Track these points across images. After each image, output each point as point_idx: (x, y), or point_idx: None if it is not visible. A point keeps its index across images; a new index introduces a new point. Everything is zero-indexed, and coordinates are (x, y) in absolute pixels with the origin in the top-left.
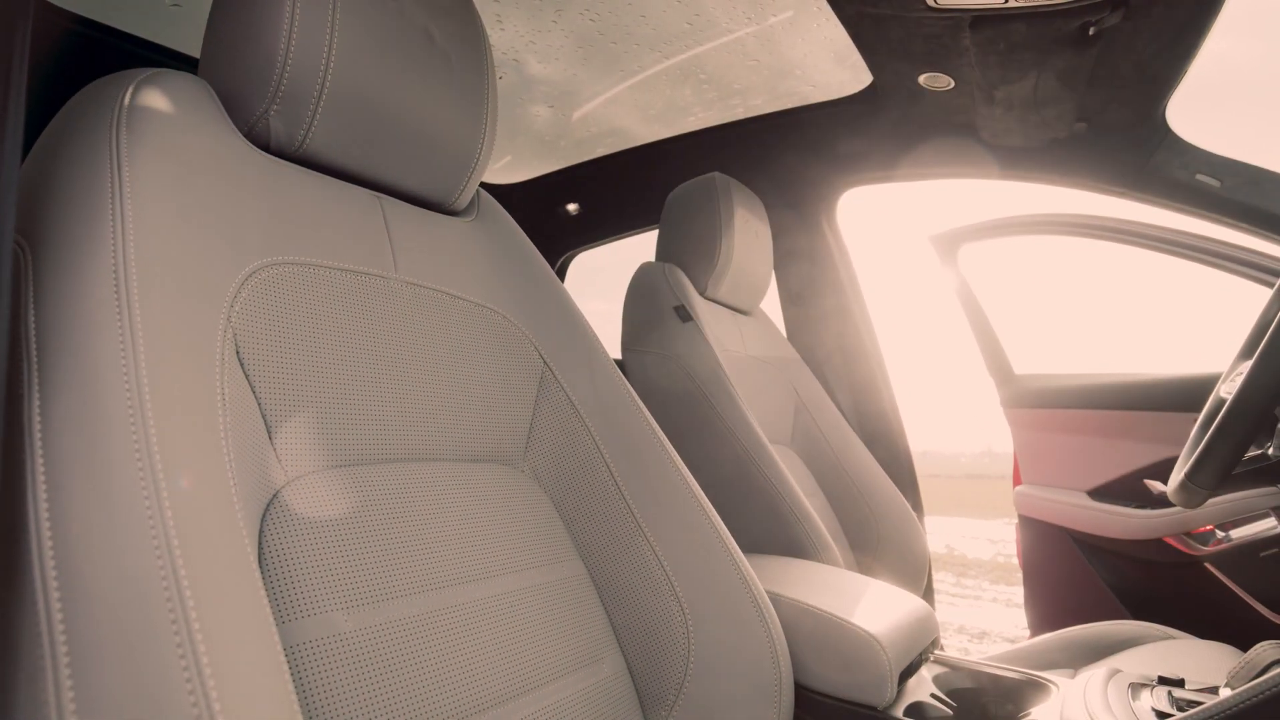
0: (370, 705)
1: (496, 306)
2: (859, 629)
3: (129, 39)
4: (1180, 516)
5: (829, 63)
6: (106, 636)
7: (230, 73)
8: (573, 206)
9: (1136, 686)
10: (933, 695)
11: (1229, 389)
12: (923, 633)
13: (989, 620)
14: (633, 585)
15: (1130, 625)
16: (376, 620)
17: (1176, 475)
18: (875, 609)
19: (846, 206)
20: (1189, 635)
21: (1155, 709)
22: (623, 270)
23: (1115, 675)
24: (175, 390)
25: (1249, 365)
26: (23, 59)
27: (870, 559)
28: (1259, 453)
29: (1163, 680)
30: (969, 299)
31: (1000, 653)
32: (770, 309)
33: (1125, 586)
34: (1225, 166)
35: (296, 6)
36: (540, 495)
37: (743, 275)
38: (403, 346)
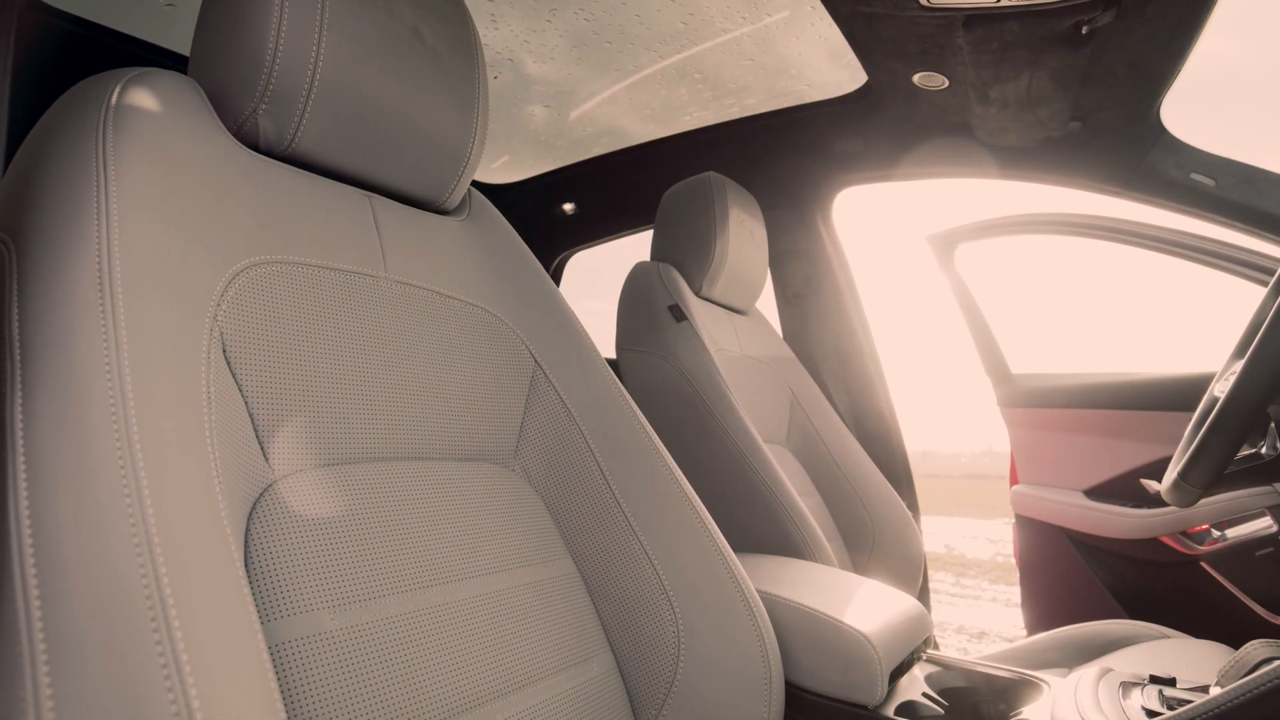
0: (356, 703)
1: (487, 305)
2: (850, 628)
3: (124, 39)
4: (1176, 516)
5: (824, 62)
6: (86, 635)
7: (219, 72)
8: (569, 206)
9: (1128, 685)
10: (924, 694)
11: (1223, 388)
12: (915, 632)
13: (988, 620)
14: (623, 584)
15: (1125, 624)
16: (363, 619)
17: (1170, 474)
18: (867, 608)
19: (843, 206)
20: (1184, 634)
21: (1145, 707)
22: (621, 270)
23: (1107, 674)
24: (159, 388)
25: (1241, 364)
26: (6, 58)
27: (866, 558)
28: (1252, 451)
29: (1154, 679)
30: (966, 299)
31: (996, 652)
32: (767, 309)
33: (1122, 586)
34: (1219, 165)
35: (285, 6)
36: (531, 494)
37: (737, 275)
38: (392, 345)
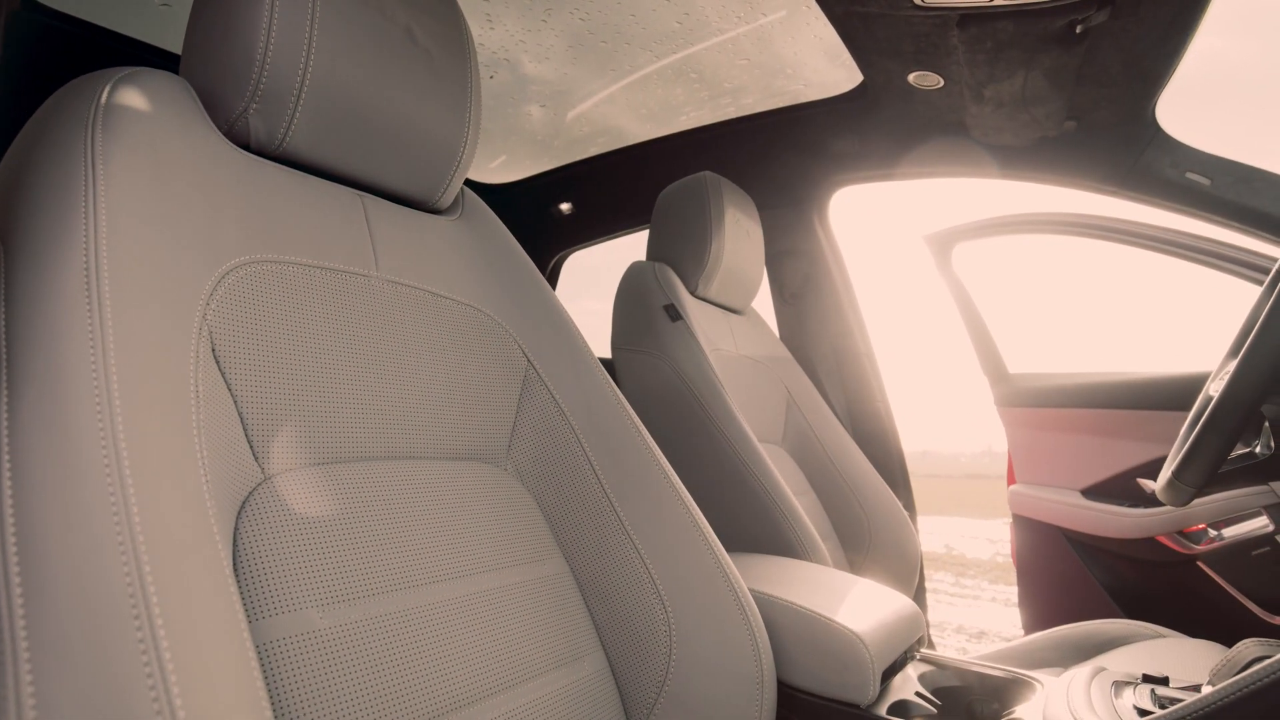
0: (344, 701)
1: (480, 305)
2: (842, 627)
3: (119, 39)
4: (1173, 515)
5: (820, 62)
6: (68, 634)
7: (210, 71)
8: (565, 206)
9: (1120, 684)
10: (917, 693)
11: (1217, 388)
12: (908, 631)
13: (987, 620)
14: (615, 583)
15: (1121, 624)
16: (352, 617)
17: (1164, 473)
18: (859, 607)
19: (841, 206)
20: (1179, 634)
21: (1137, 706)
22: (620, 270)
23: (1100, 673)
24: (146, 388)
25: (1234, 364)
26: None
27: (862, 558)
28: (1246, 451)
29: (1147, 678)
30: (963, 298)
31: (991, 651)
32: (764, 309)
33: (1119, 585)
34: (1215, 165)
35: (275, 6)
36: (523, 494)
37: (733, 274)
38: (383, 345)
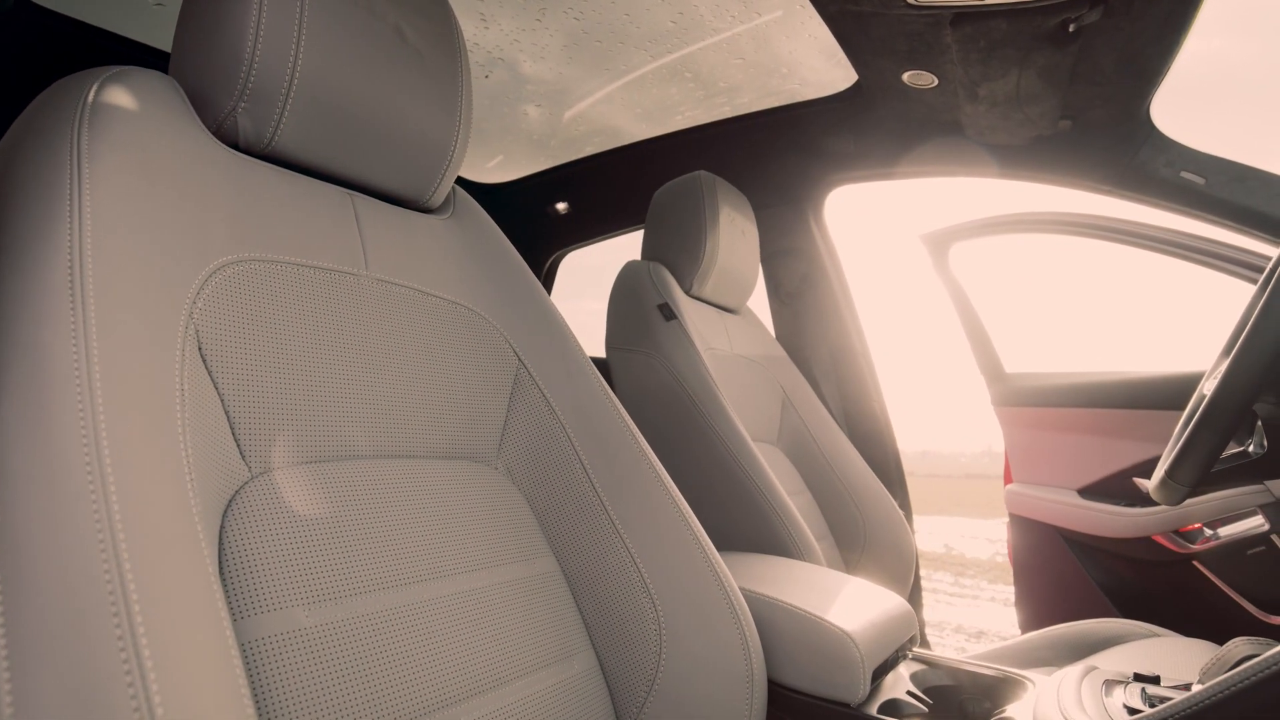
0: (329, 699)
1: (471, 304)
2: (832, 625)
3: (114, 38)
4: (1169, 514)
5: (816, 61)
6: (47, 631)
7: (198, 71)
8: (562, 205)
9: (1111, 683)
10: (908, 692)
11: (1211, 386)
12: (899, 630)
13: (986, 620)
14: (606, 582)
15: (1116, 623)
16: (339, 616)
17: (1158, 472)
18: (851, 606)
19: (839, 206)
20: (1174, 633)
21: (1127, 705)
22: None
23: (1091, 672)
24: (129, 386)
25: (1226, 363)
26: None
27: (858, 557)
28: (1240, 450)
29: (1138, 677)
30: (960, 298)
31: (986, 650)
32: (760, 308)
33: (1115, 585)
34: (1210, 163)
35: (264, 5)
36: (514, 492)
37: (728, 273)
38: (372, 343)
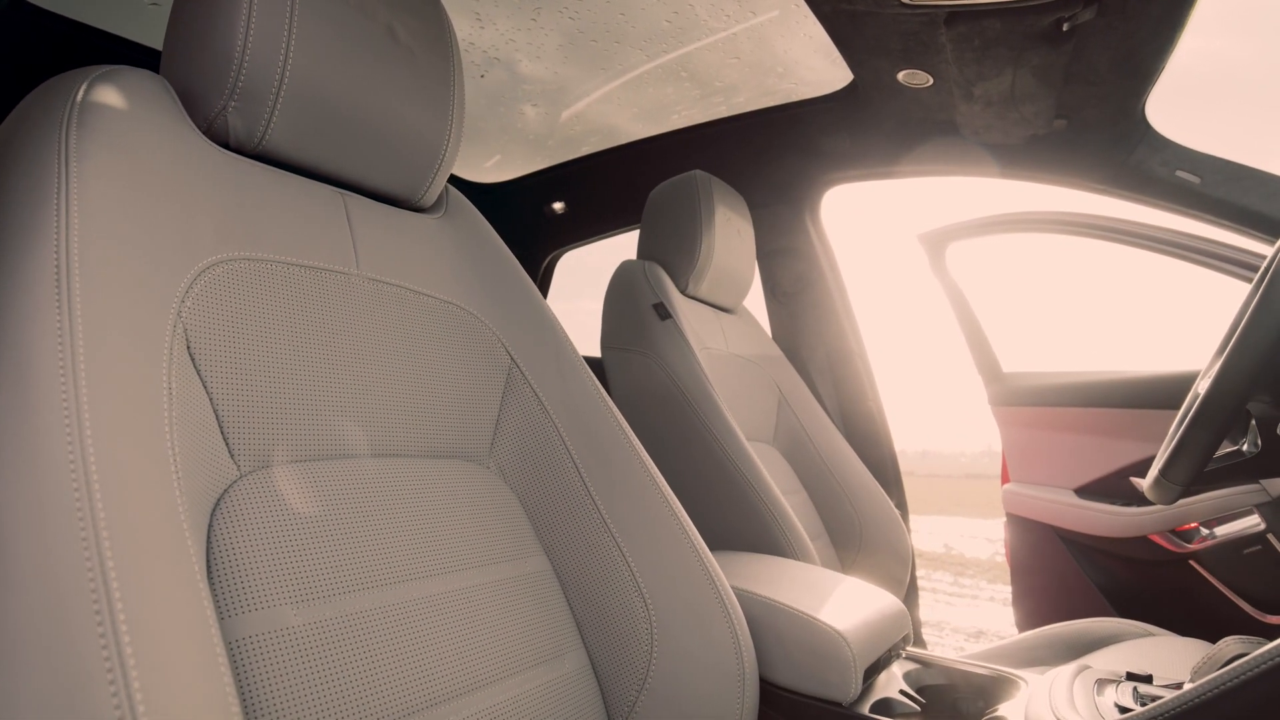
0: (317, 697)
1: (463, 303)
2: (824, 624)
3: (109, 38)
4: (1166, 514)
5: (812, 60)
6: (27, 629)
7: (188, 70)
8: (559, 205)
9: (1103, 682)
10: (901, 691)
11: (1205, 385)
12: (892, 629)
13: (985, 619)
14: (597, 581)
15: (1112, 623)
16: (327, 615)
17: (1152, 471)
18: (843, 605)
19: (840, 204)
20: (1170, 632)
21: (1118, 704)
22: None
23: (1083, 671)
24: (114, 382)
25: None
26: None
27: (853, 556)
28: (1234, 449)
29: (1130, 676)
30: (957, 297)
31: (982, 650)
32: (757, 308)
33: (1112, 584)
34: (1205, 163)
35: (254, 4)
36: (505, 491)
37: (724, 273)
38: (364, 342)
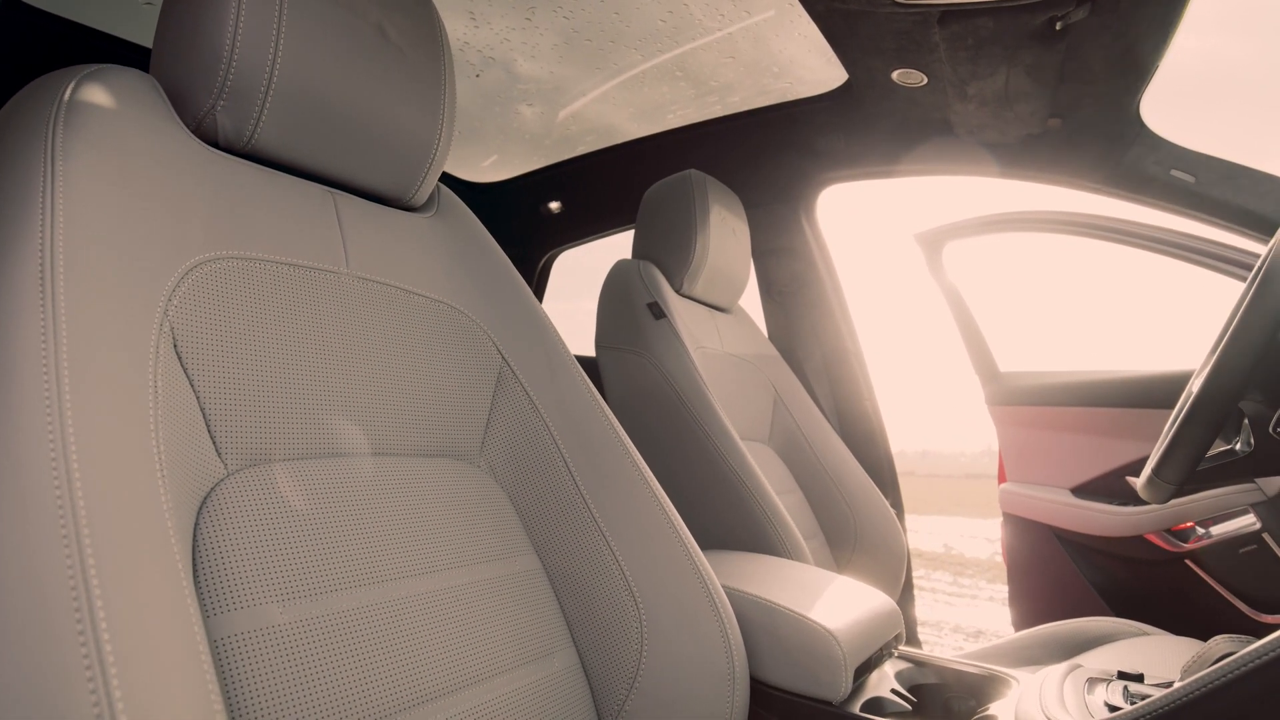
0: (302, 696)
1: (454, 302)
2: (814, 623)
3: (105, 37)
4: (1162, 513)
5: (808, 60)
6: (6, 624)
7: (177, 69)
8: (555, 205)
9: (1094, 681)
10: (892, 690)
11: (1199, 384)
12: (884, 628)
13: (985, 619)
14: (587, 580)
15: (1106, 622)
16: (313, 613)
17: (1145, 471)
18: (834, 604)
19: (840, 204)
20: (1164, 631)
21: (1108, 703)
22: None
23: (1075, 670)
24: (98, 380)
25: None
26: None
27: (848, 556)
28: (1227, 448)
29: (1122, 675)
30: (954, 297)
31: (977, 649)
32: (754, 308)
33: (1108, 583)
34: (1199, 162)
35: (243, 3)
36: (496, 490)
37: (719, 272)
38: (353, 341)
